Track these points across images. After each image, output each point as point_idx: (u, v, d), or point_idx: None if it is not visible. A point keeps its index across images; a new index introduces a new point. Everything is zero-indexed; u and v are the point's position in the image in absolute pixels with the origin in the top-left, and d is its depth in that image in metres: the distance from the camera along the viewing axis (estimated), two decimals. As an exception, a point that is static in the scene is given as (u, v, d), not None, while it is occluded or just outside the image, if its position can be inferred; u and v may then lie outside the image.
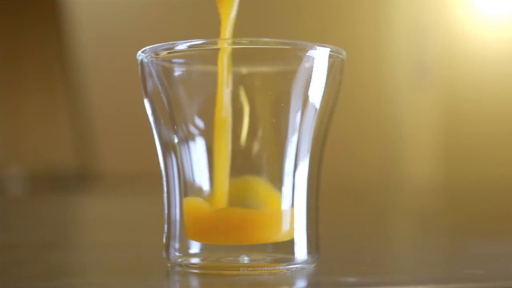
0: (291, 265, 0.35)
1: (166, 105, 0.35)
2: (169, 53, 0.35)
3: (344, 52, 0.36)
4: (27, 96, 1.69)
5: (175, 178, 0.36)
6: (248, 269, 0.34)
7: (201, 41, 0.34)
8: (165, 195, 0.37)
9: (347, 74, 0.37)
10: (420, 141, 1.59)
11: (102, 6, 1.52)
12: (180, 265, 0.35)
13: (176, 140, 0.36)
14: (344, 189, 1.09)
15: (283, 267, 0.34)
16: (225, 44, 0.35)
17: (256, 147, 0.36)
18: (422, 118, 1.59)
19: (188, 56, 0.35)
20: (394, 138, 1.58)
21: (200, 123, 0.36)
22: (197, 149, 0.36)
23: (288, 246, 0.35)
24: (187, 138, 0.36)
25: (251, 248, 0.35)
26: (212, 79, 0.36)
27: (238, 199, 0.35)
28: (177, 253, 0.36)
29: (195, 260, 0.35)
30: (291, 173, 0.35)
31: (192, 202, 0.35)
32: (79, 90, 1.54)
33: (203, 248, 0.35)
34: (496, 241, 0.47)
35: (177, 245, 0.36)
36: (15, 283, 0.33)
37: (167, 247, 0.36)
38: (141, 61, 0.36)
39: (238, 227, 0.34)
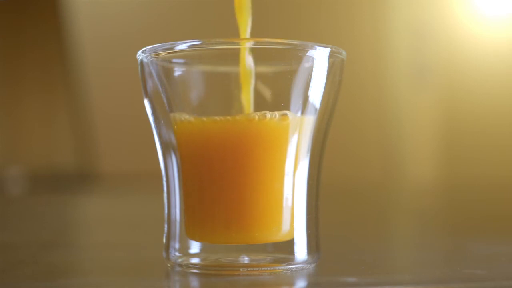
0: (291, 265, 0.35)
1: (166, 105, 0.35)
2: (169, 53, 0.35)
3: (344, 52, 0.36)
4: (27, 96, 1.69)
5: (175, 178, 0.36)
6: (248, 269, 0.34)
7: (201, 41, 0.34)
8: (165, 195, 0.37)
9: (347, 74, 0.37)
10: (420, 141, 1.59)
11: (102, 6, 1.52)
12: (180, 265, 0.35)
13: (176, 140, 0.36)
14: (344, 189, 1.09)
15: (283, 267, 0.34)
16: (226, 45, 0.35)
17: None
18: (422, 118, 1.59)
19: (188, 56, 0.35)
20: (394, 138, 1.58)
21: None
22: (197, 149, 0.36)
23: (288, 246, 0.35)
24: (187, 138, 0.36)
25: (251, 248, 0.35)
26: (212, 79, 0.36)
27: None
28: (177, 253, 0.36)
29: (195, 260, 0.35)
30: (291, 173, 0.35)
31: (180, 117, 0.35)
32: (79, 90, 1.54)
33: (203, 248, 0.35)
34: (496, 241, 0.47)
35: (177, 245, 0.36)
36: (15, 283, 0.33)
37: (167, 247, 0.36)
38: (141, 61, 0.36)
39: (238, 226, 0.34)
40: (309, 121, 0.35)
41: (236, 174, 0.34)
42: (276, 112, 0.34)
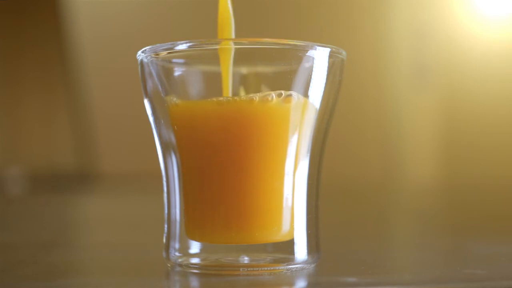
0: (291, 265, 0.35)
1: (166, 105, 0.35)
2: (169, 53, 0.35)
3: (344, 52, 0.36)
4: (27, 96, 1.69)
5: (175, 178, 0.36)
6: (248, 269, 0.34)
7: (201, 41, 0.34)
8: (165, 195, 0.37)
9: (347, 74, 0.37)
10: (420, 141, 1.59)
11: (102, 6, 1.52)
12: (180, 265, 0.35)
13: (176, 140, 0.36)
14: (344, 189, 1.09)
15: (283, 267, 0.34)
16: (226, 45, 0.35)
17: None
18: (422, 118, 1.59)
19: (188, 56, 0.35)
20: (394, 138, 1.58)
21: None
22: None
23: (288, 246, 0.35)
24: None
25: (251, 248, 0.35)
26: (212, 79, 0.36)
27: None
28: (177, 253, 0.36)
29: (195, 260, 0.35)
30: (291, 173, 0.35)
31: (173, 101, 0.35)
32: (79, 90, 1.54)
33: (203, 248, 0.35)
34: (496, 241, 0.47)
35: (177, 245, 0.36)
36: (15, 283, 0.33)
37: (167, 247, 0.36)
38: (141, 61, 0.36)
39: (238, 226, 0.34)
40: (312, 108, 0.35)
41: (237, 166, 0.34)
42: (282, 91, 0.34)
